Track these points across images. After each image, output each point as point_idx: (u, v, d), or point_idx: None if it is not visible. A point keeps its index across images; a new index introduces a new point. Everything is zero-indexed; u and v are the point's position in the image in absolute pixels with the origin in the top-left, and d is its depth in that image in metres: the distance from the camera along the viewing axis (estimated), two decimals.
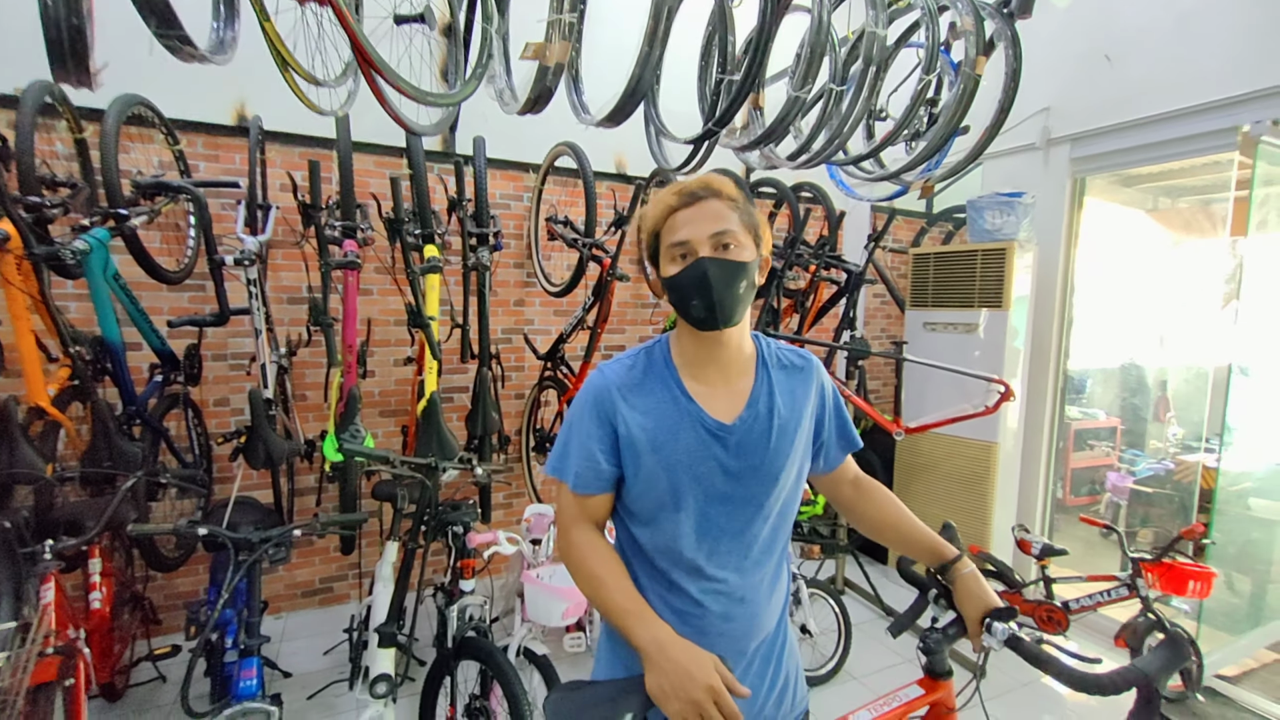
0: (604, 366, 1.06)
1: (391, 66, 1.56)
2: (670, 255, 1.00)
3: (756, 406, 1.04)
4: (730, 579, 1.03)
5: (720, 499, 1.02)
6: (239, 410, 2.97)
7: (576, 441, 1.03)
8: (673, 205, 0.99)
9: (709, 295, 0.96)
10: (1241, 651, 3.09)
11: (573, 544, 1.03)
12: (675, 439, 1.00)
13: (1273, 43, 2.51)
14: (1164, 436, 5.89)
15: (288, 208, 2.90)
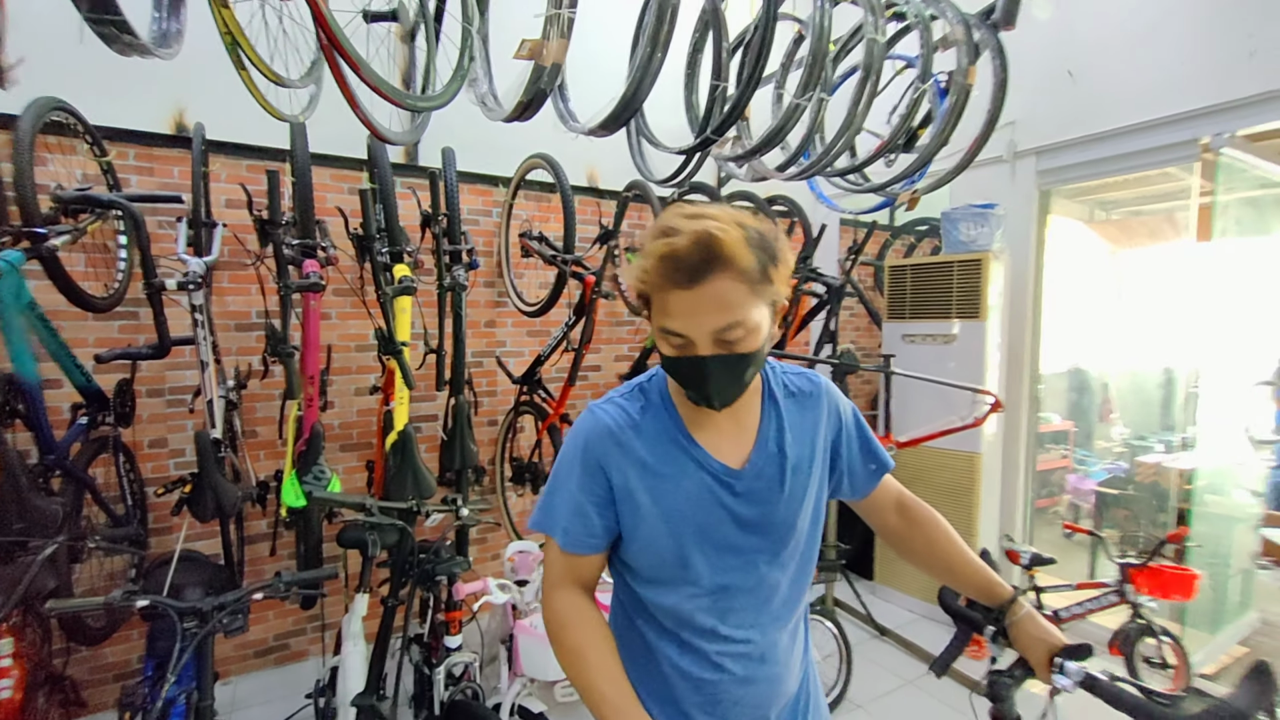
0: (596, 407, 0.92)
1: (370, 66, 1.39)
2: (661, 335, 0.83)
3: (766, 447, 0.93)
4: (751, 637, 0.92)
5: (732, 551, 0.90)
6: (178, 452, 2.65)
7: (565, 494, 0.90)
8: (670, 280, 0.77)
9: (706, 389, 0.83)
10: (1219, 649, 3.17)
11: (554, 610, 0.90)
12: (678, 488, 0.88)
13: (1228, 58, 2.62)
14: (1109, 436, 6.15)
15: (235, 225, 2.64)
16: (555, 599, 0.91)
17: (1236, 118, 2.68)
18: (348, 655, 1.97)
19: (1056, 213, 3.86)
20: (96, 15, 1.11)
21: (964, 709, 2.62)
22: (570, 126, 1.94)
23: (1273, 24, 2.50)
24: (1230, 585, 3.46)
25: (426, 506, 1.78)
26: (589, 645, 0.86)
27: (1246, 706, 0.94)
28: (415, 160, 3.12)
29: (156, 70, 2.49)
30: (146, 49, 1.25)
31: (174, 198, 2.02)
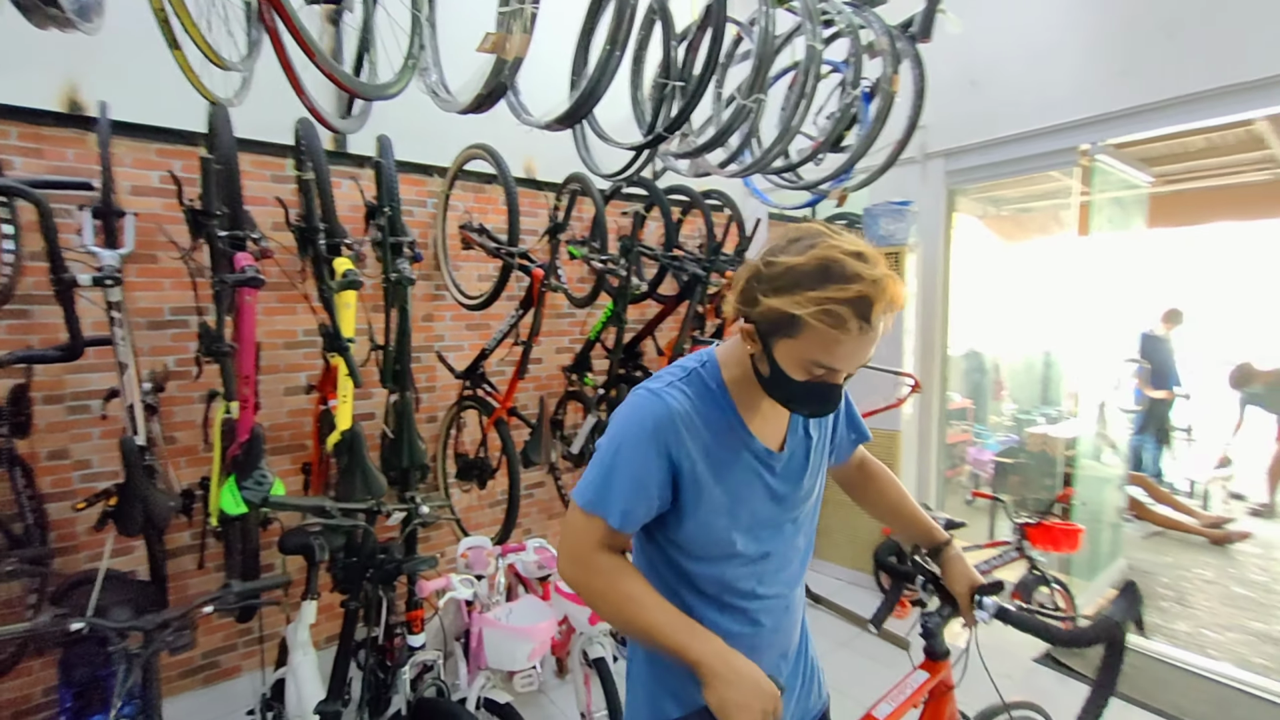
0: (660, 391, 0.93)
1: (323, 51, 1.33)
2: (801, 363, 0.85)
3: (797, 432, 1.05)
4: (781, 593, 1.05)
5: (767, 523, 1.02)
6: (83, 463, 2.42)
7: (629, 475, 0.90)
8: (851, 326, 0.79)
9: (820, 410, 0.92)
10: (1096, 593, 3.64)
11: (598, 570, 0.93)
12: (733, 470, 0.97)
13: (1103, 75, 2.98)
14: (1000, 411, 6.82)
15: (145, 215, 2.42)
16: (596, 560, 0.92)
17: (1108, 129, 3.06)
18: (298, 665, 1.90)
19: (957, 210, 4.22)
20: None
21: (892, 663, 2.89)
22: (524, 120, 1.94)
23: (1139, 47, 2.86)
24: (1103, 537, 3.97)
25: (387, 506, 1.74)
26: (641, 590, 0.91)
27: (1121, 616, 1.16)
28: (344, 148, 2.97)
29: (45, 41, 2.25)
30: (70, 22, 1.14)
31: (84, 184, 1.83)
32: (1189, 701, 2.61)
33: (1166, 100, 2.81)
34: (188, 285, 2.59)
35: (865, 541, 3.66)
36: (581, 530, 0.94)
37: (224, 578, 2.56)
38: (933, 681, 1.29)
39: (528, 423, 2.92)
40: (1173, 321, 5.43)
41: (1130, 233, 3.97)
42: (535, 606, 2.08)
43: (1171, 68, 2.77)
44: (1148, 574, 4.07)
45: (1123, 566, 4.08)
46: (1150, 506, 4.96)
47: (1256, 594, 3.78)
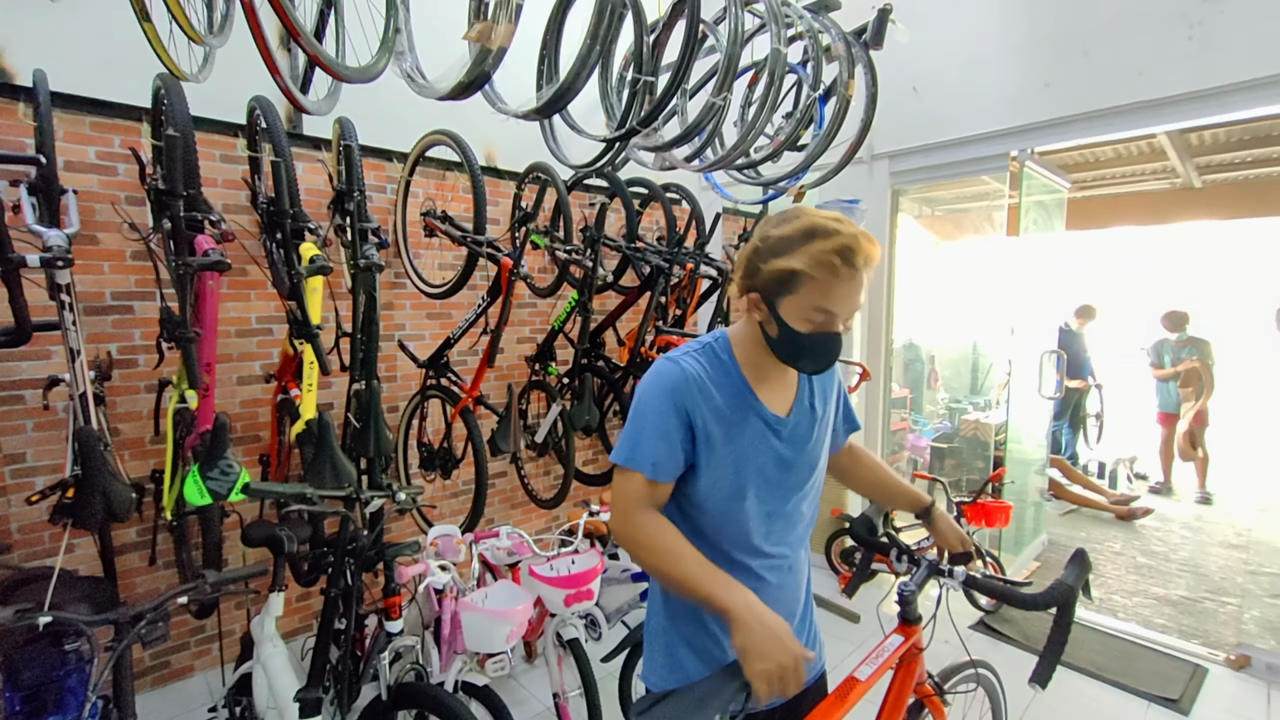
0: (676, 358, 1.06)
1: (306, 29, 1.32)
2: (805, 313, 0.98)
3: (804, 403, 1.15)
4: (784, 553, 1.16)
5: (774, 485, 1.11)
6: (15, 457, 2.27)
7: (655, 430, 1.02)
8: (840, 272, 0.94)
9: (825, 361, 1.03)
10: (1022, 565, 3.96)
11: (641, 525, 1.02)
12: (742, 432, 1.07)
13: (1030, 88, 3.23)
14: (934, 401, 7.24)
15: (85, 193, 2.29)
16: (639, 517, 1.02)
17: (1035, 137, 3.32)
18: (269, 658, 1.86)
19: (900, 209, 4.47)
20: None
21: (841, 634, 3.07)
22: (499, 108, 1.95)
23: (1061, 62, 3.12)
24: (1027, 515, 4.32)
25: (368, 494, 1.73)
26: (680, 544, 1.00)
27: (1073, 581, 1.29)
28: (299, 128, 2.87)
29: None
30: None
31: (30, 159, 1.72)
32: (1102, 658, 2.91)
33: (1084, 114, 3.09)
34: (130, 269, 2.48)
35: (816, 525, 3.84)
36: (623, 487, 1.04)
37: (177, 573, 2.47)
38: (906, 645, 1.40)
39: (495, 411, 2.93)
40: (1085, 317, 5.92)
41: (1052, 234, 4.32)
42: (511, 590, 2.11)
43: (1088, 84, 3.05)
44: (1065, 547, 4.46)
45: (1044, 541, 4.45)
46: (1066, 486, 5.41)
47: (1156, 563, 4.21)
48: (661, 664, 1.15)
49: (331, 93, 1.85)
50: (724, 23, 2.07)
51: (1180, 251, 10.19)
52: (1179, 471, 5.83)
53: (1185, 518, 5.11)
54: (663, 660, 1.15)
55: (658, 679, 1.17)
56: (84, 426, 1.63)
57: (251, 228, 2.68)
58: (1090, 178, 6.23)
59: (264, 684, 1.87)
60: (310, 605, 3.01)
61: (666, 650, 1.14)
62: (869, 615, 3.21)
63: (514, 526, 2.74)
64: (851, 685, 1.22)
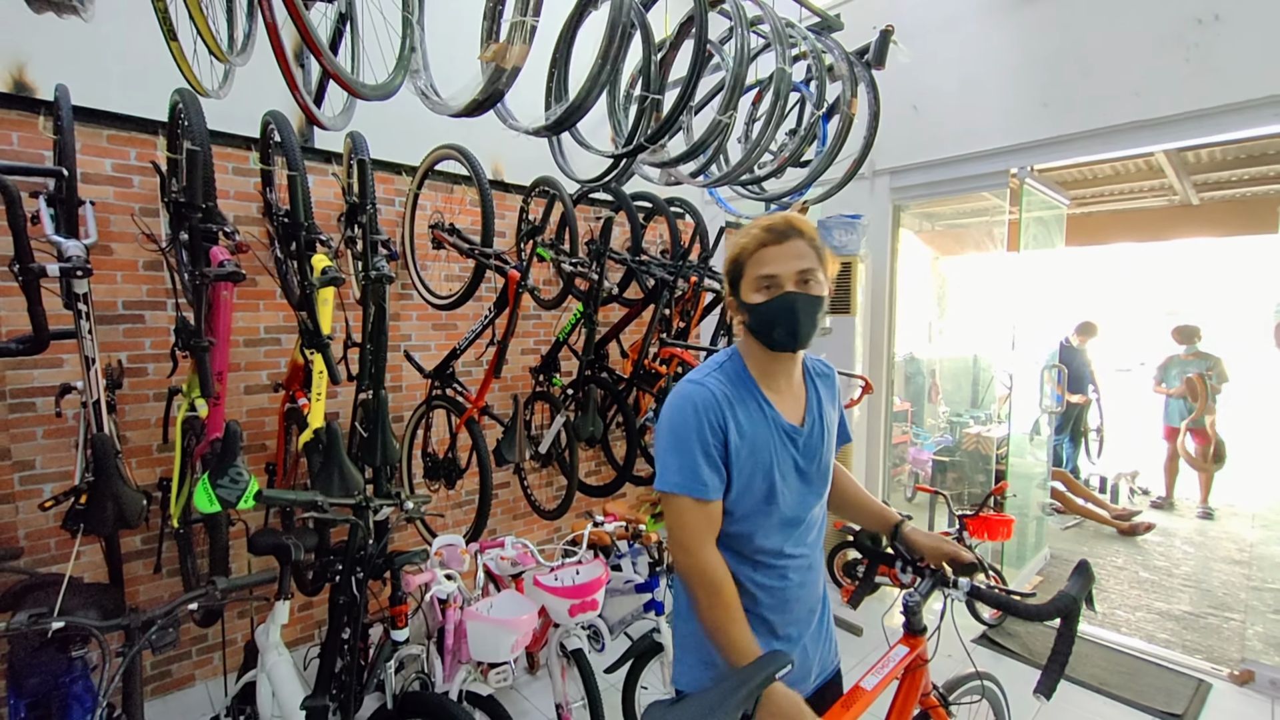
0: (700, 379, 1.12)
1: (327, 48, 1.36)
2: (756, 285, 1.09)
3: (814, 412, 1.20)
4: (805, 553, 1.22)
5: (795, 491, 1.16)
6: (25, 464, 2.29)
7: (697, 450, 1.07)
8: (764, 240, 1.09)
9: (794, 325, 1.07)
10: (1024, 579, 3.96)
11: (709, 566, 1.08)
12: (767, 443, 1.12)
13: (1029, 106, 3.29)
14: (936, 414, 7.26)
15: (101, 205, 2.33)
16: (706, 556, 1.08)
17: (1034, 155, 3.37)
18: (274, 666, 1.87)
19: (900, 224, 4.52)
20: None
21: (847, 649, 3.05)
22: (510, 125, 1.99)
23: (1060, 82, 3.18)
24: (1029, 529, 4.32)
25: (377, 502, 1.75)
26: (737, 605, 1.07)
27: (1076, 593, 1.30)
28: (310, 143, 2.93)
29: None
30: (75, 9, 1.13)
31: (53, 171, 1.76)
32: (1105, 672, 2.90)
33: (1082, 132, 3.14)
34: (142, 278, 2.51)
35: None
36: (680, 516, 1.08)
37: (181, 581, 2.48)
38: (911, 656, 1.41)
39: (500, 421, 2.95)
40: (1086, 334, 5.96)
41: (1052, 250, 4.37)
42: (516, 599, 2.12)
43: (1086, 104, 3.10)
44: (1068, 561, 4.45)
45: (1046, 555, 4.44)
46: (1070, 498, 5.41)
47: (1159, 577, 4.20)
48: (696, 666, 1.20)
49: (347, 109, 1.89)
50: (730, 42, 2.12)
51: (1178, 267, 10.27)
52: (1181, 487, 5.83)
53: (1187, 533, 5.11)
54: (697, 662, 1.20)
55: (689, 681, 1.21)
56: (99, 434, 1.65)
57: (262, 239, 2.72)
58: (1089, 194, 6.30)
59: (269, 692, 1.87)
60: (312, 615, 3.00)
61: (700, 653, 1.18)
62: (872, 628, 3.21)
63: (517, 537, 2.75)
64: (857, 695, 1.23)
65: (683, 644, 1.25)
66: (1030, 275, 3.90)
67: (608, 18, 1.64)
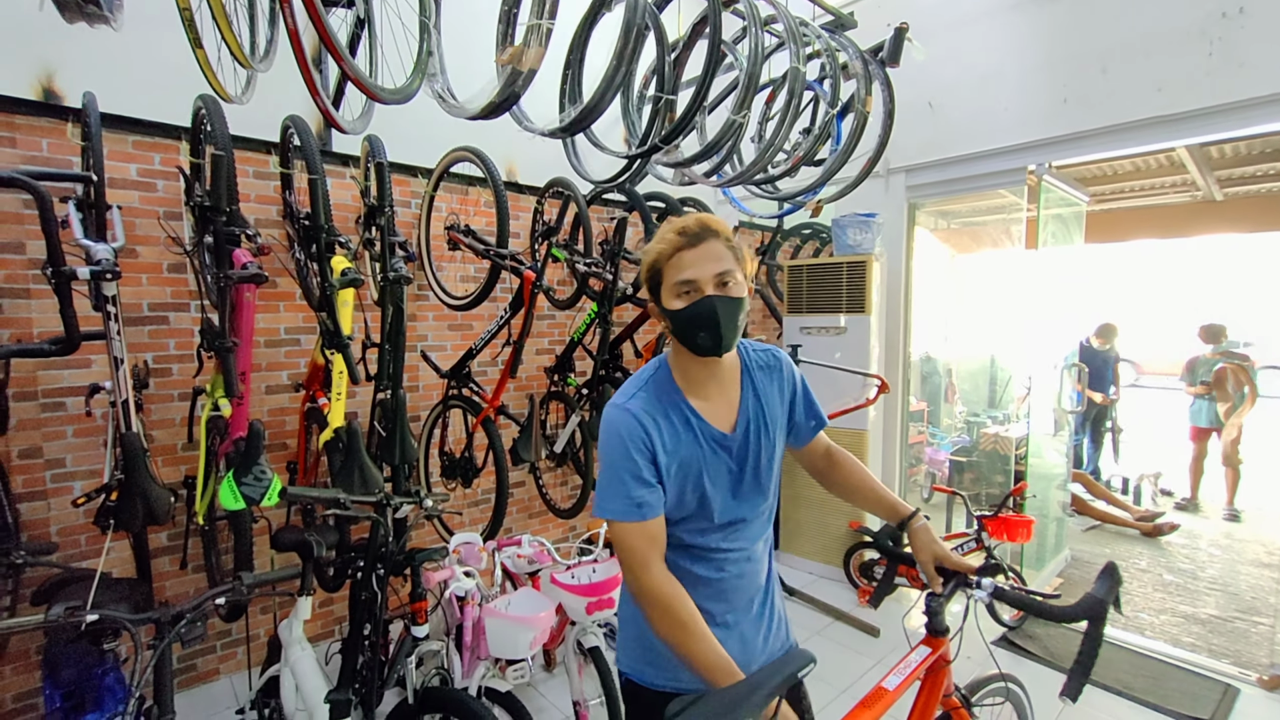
0: (621, 404, 1.13)
1: (347, 53, 1.38)
2: (675, 291, 1.08)
3: (746, 413, 1.20)
4: (743, 547, 1.22)
5: (732, 493, 1.18)
6: (56, 462, 2.34)
7: (628, 476, 1.08)
8: (678, 245, 1.07)
9: (715, 329, 1.07)
10: (1044, 581, 3.90)
11: (656, 587, 1.07)
12: (694, 454, 1.13)
13: (1048, 102, 3.25)
14: (952, 414, 7.18)
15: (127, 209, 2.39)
16: (652, 577, 1.07)
17: (1052, 152, 3.33)
18: (297, 660, 1.90)
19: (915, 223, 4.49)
20: None
21: (860, 648, 3.05)
22: (525, 127, 2.01)
23: (1079, 78, 3.14)
24: (1049, 530, 4.26)
25: (397, 500, 1.77)
26: (693, 620, 1.04)
27: (1103, 595, 1.26)
28: (328, 146, 2.97)
29: (17, 29, 2.21)
30: (105, 19, 1.17)
31: (83, 177, 1.81)
32: (1129, 676, 2.86)
33: (1102, 128, 3.10)
34: (167, 280, 2.57)
35: (835, 538, 3.83)
36: (624, 541, 1.08)
37: (206, 577, 2.53)
38: (933, 657, 1.39)
39: (516, 421, 2.97)
40: (1105, 336, 5.87)
41: (1071, 247, 4.31)
42: (534, 597, 2.13)
43: (1106, 99, 3.06)
44: (1089, 564, 4.39)
45: (1066, 557, 4.38)
46: (1089, 502, 5.33)
47: (1184, 580, 4.12)
48: (634, 653, 1.23)
49: (365, 112, 1.92)
50: (744, 41, 2.12)
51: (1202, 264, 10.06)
52: (1206, 488, 5.72)
53: (1213, 535, 5.01)
54: (635, 650, 1.23)
55: (630, 661, 1.25)
56: (128, 433, 1.69)
57: (282, 241, 2.76)
58: (1109, 191, 6.20)
59: (292, 686, 1.90)
60: (332, 611, 3.04)
61: (640, 642, 1.21)
62: (889, 628, 3.18)
63: (533, 535, 2.77)
64: (879, 695, 1.23)
65: (623, 625, 1.28)
66: (1049, 273, 3.86)
67: (622, 19, 1.65)
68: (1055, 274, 4.02)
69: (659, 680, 1.20)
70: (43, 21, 1.71)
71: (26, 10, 2.07)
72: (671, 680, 1.19)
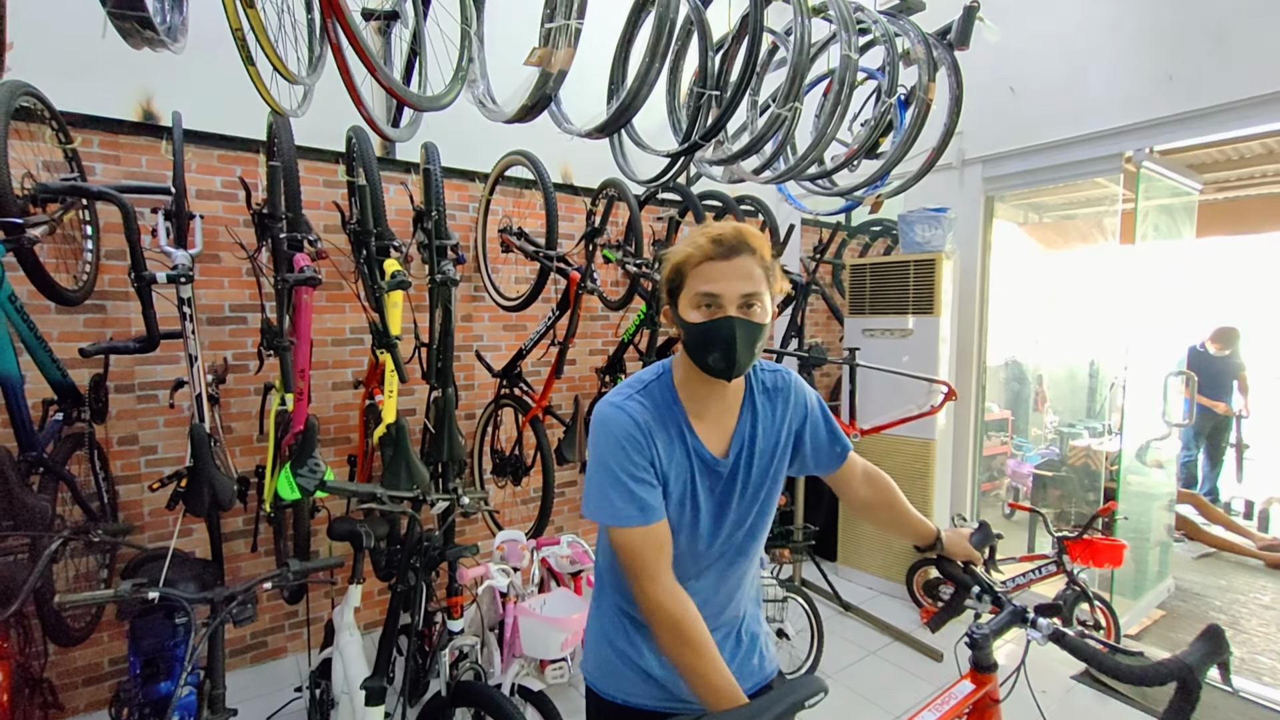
0: (619, 404, 1.06)
1: (383, 65, 1.43)
2: (695, 301, 1.01)
3: (742, 439, 1.12)
4: (709, 578, 1.14)
5: (711, 517, 1.11)
6: (149, 449, 2.59)
7: (627, 475, 1.01)
8: (709, 253, 0.99)
9: (731, 353, 0.99)
10: (1141, 613, 3.52)
11: (666, 602, 0.99)
12: (683, 470, 1.07)
13: (1149, 81, 2.92)
14: (1043, 424, 6.62)
15: (210, 217, 2.60)
16: (662, 590, 0.99)
17: (1154, 135, 2.99)
18: (345, 645, 2.00)
19: (997, 216, 4.17)
20: (122, 10, 1.12)
21: (920, 671, 2.86)
22: (565, 128, 2.02)
23: (1188, 51, 2.80)
24: (1150, 556, 3.84)
25: (433, 496, 1.82)
26: (702, 640, 0.97)
27: (1196, 662, 1.05)
28: (392, 154, 3.11)
29: (123, 56, 2.44)
30: (164, 43, 1.26)
31: (163, 189, 1.98)
32: None
33: (1217, 106, 2.75)
34: (245, 284, 2.77)
35: (897, 552, 3.62)
36: (627, 548, 1.01)
37: (274, 561, 2.71)
38: (978, 694, 1.26)
39: (562, 421, 3.00)
40: (1223, 342, 5.23)
41: (1179, 241, 3.86)
42: (568, 598, 2.14)
43: (1221, 73, 2.71)
44: (1198, 595, 3.92)
45: (1170, 587, 3.93)
46: (1202, 526, 4.77)
47: None
48: (594, 661, 1.19)
49: (412, 121, 1.99)
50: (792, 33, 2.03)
51: None
52: None
53: None
54: (594, 658, 1.19)
55: (589, 665, 1.21)
56: (196, 424, 1.84)
57: (347, 246, 2.92)
58: (1233, 178, 5.51)
59: (340, 669, 2.00)
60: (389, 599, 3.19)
61: (597, 650, 1.17)
62: (953, 654, 2.97)
63: (578, 536, 2.79)
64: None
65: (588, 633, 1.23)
66: (1150, 270, 3.47)
67: (654, 14, 1.61)
68: (1159, 271, 3.61)
69: (612, 691, 1.16)
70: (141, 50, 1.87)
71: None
72: (623, 694, 1.15)
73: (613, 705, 1.16)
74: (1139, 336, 3.54)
